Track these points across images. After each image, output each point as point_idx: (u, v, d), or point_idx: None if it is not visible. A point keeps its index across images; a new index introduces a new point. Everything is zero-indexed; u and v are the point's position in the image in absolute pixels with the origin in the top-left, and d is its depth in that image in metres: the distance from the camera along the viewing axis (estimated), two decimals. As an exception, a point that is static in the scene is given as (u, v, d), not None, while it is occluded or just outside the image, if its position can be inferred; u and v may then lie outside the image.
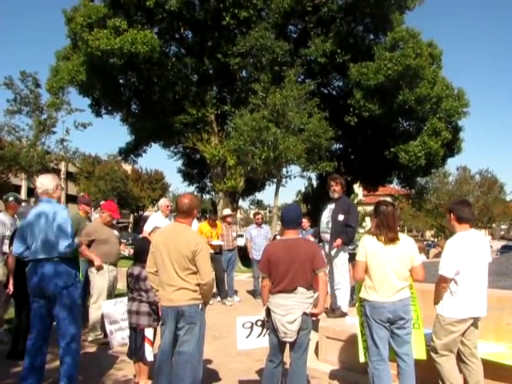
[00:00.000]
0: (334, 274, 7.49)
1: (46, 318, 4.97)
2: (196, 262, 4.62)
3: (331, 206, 7.61)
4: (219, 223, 11.95)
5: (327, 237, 7.57)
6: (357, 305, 5.15)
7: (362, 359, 5.11)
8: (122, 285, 9.34)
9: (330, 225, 7.54)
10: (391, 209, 4.85)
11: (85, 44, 19.14)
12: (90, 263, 7.56)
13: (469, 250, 4.77)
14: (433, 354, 4.86)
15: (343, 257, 7.48)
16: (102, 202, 8.69)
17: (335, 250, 7.42)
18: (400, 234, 4.86)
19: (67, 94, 23.95)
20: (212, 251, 11.39)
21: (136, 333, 5.45)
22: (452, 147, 25.36)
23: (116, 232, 8.08)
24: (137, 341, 5.43)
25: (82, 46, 19.80)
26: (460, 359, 4.89)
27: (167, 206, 10.39)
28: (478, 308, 4.79)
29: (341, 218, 7.38)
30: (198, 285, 4.66)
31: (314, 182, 32.63)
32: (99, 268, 7.56)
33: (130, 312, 5.51)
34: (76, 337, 5.02)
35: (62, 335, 4.95)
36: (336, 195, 7.58)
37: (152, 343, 5.36)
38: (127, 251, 8.31)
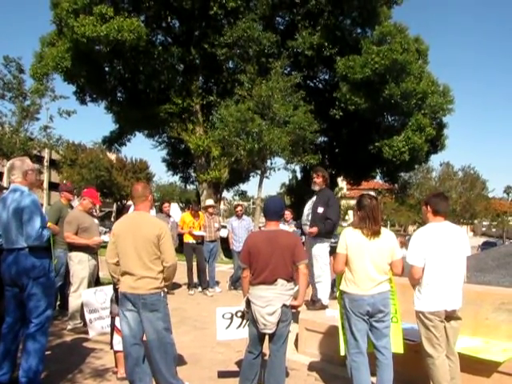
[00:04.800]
0: (313, 267, 7.49)
1: (20, 305, 4.90)
2: (160, 246, 4.70)
3: (313, 199, 7.63)
4: (202, 214, 11.94)
5: (307, 229, 7.59)
6: (338, 297, 5.16)
7: (342, 352, 5.12)
8: (103, 274, 9.33)
9: (310, 217, 7.55)
10: (375, 202, 4.86)
11: (70, 30, 18.91)
12: (72, 251, 7.51)
13: (438, 239, 4.76)
14: (424, 357, 4.83)
15: (323, 250, 7.48)
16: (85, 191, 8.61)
17: (313, 241, 7.45)
18: (381, 228, 4.87)
19: (51, 81, 23.66)
20: (194, 241, 11.41)
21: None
22: (436, 143, 25.57)
23: (96, 220, 8.04)
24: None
25: (68, 33, 19.56)
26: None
27: None
28: (452, 300, 4.74)
29: (320, 210, 7.39)
30: (161, 272, 4.73)
31: (298, 175, 32.67)
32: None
33: (112, 301, 5.47)
34: (44, 327, 4.93)
35: (29, 323, 4.88)
36: (316, 187, 7.60)
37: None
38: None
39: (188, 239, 11.45)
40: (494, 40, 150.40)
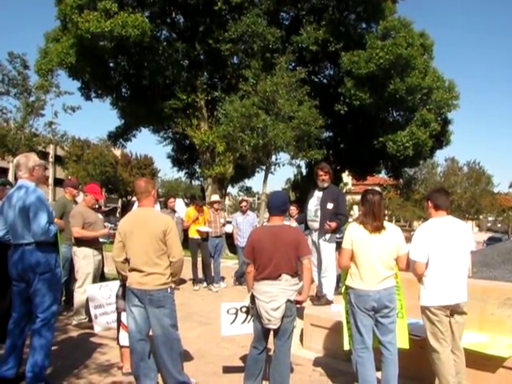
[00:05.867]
0: (321, 262, 7.51)
1: (27, 301, 4.92)
2: (167, 241, 4.69)
3: (318, 195, 7.62)
4: (206, 209, 11.94)
5: (315, 225, 7.59)
6: (343, 292, 5.16)
7: (346, 347, 5.13)
8: (108, 269, 9.35)
9: (318, 213, 7.54)
10: (378, 198, 4.85)
11: (74, 26, 18.89)
12: (78, 246, 7.50)
13: (441, 234, 4.75)
14: (429, 352, 4.81)
15: (331, 245, 7.50)
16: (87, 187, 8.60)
17: (320, 237, 7.46)
18: (387, 223, 4.86)
19: (56, 77, 23.67)
20: (199, 237, 11.41)
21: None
22: (441, 139, 25.47)
23: (100, 216, 8.04)
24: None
25: (72, 28, 19.55)
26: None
27: None
28: (456, 295, 4.73)
29: (330, 206, 7.40)
30: (168, 267, 4.73)
31: (303, 170, 32.61)
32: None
33: (118, 296, 5.48)
34: (50, 322, 4.94)
35: (35, 319, 4.89)
36: (325, 184, 7.61)
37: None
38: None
39: (193, 235, 11.46)
40: (500, 36, 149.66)
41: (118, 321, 5.49)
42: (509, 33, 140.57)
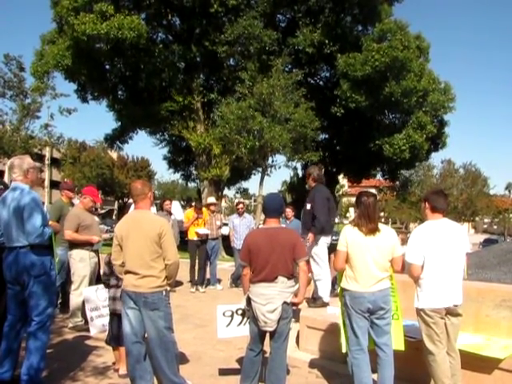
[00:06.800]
0: (312, 266, 7.48)
1: (22, 304, 4.90)
2: (162, 244, 4.68)
3: None
4: (205, 211, 11.95)
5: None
6: (339, 294, 5.16)
7: (344, 349, 5.09)
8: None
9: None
10: (372, 200, 4.85)
11: (70, 28, 18.91)
12: (73, 248, 7.50)
13: (436, 237, 4.75)
14: (425, 354, 4.81)
15: (320, 247, 7.48)
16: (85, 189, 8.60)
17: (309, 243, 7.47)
18: (382, 225, 4.87)
19: (52, 79, 23.67)
20: (198, 239, 11.42)
21: (118, 319, 5.42)
22: (437, 141, 25.58)
23: (97, 218, 8.04)
24: (119, 327, 5.40)
25: (68, 31, 19.56)
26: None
27: None
28: (452, 297, 4.72)
29: (308, 206, 7.45)
30: (163, 270, 4.72)
31: (300, 172, 32.62)
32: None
33: (111, 298, 5.48)
34: (45, 325, 4.93)
35: (30, 322, 4.88)
36: (307, 186, 7.75)
37: None
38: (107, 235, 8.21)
39: (192, 237, 11.47)
40: (496, 37, 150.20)
41: (117, 323, 5.47)
42: (505, 34, 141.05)
